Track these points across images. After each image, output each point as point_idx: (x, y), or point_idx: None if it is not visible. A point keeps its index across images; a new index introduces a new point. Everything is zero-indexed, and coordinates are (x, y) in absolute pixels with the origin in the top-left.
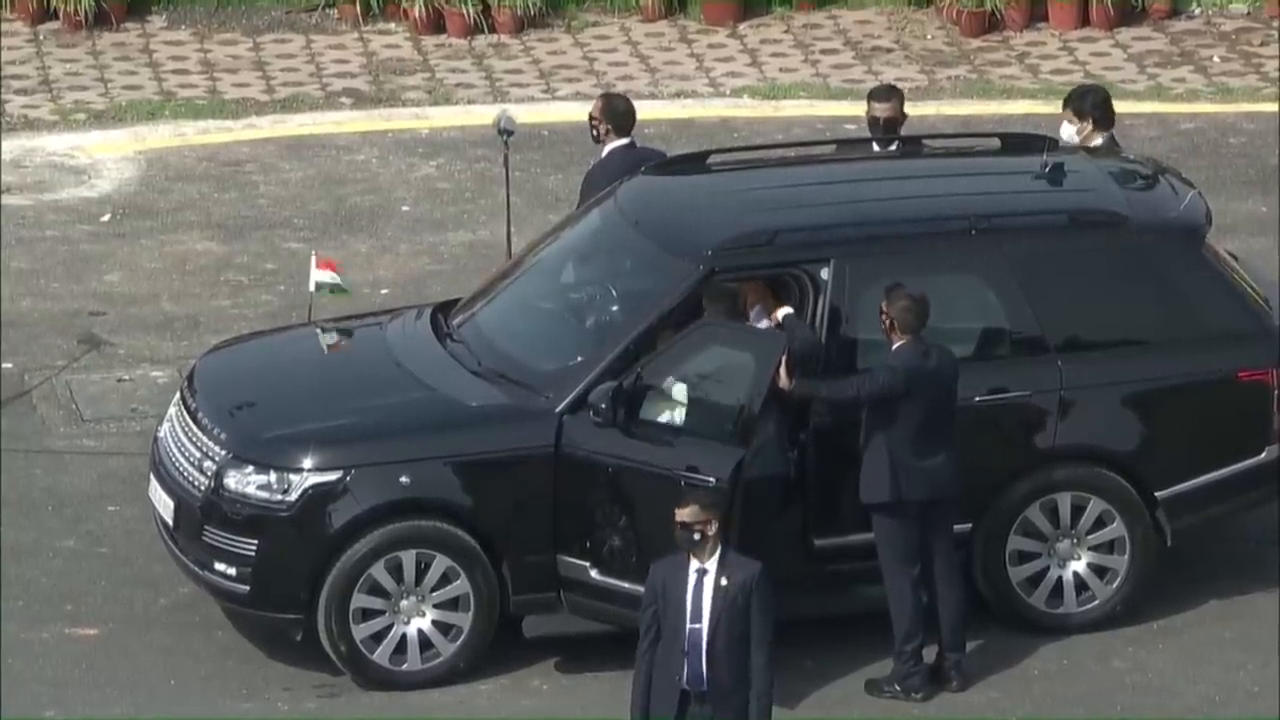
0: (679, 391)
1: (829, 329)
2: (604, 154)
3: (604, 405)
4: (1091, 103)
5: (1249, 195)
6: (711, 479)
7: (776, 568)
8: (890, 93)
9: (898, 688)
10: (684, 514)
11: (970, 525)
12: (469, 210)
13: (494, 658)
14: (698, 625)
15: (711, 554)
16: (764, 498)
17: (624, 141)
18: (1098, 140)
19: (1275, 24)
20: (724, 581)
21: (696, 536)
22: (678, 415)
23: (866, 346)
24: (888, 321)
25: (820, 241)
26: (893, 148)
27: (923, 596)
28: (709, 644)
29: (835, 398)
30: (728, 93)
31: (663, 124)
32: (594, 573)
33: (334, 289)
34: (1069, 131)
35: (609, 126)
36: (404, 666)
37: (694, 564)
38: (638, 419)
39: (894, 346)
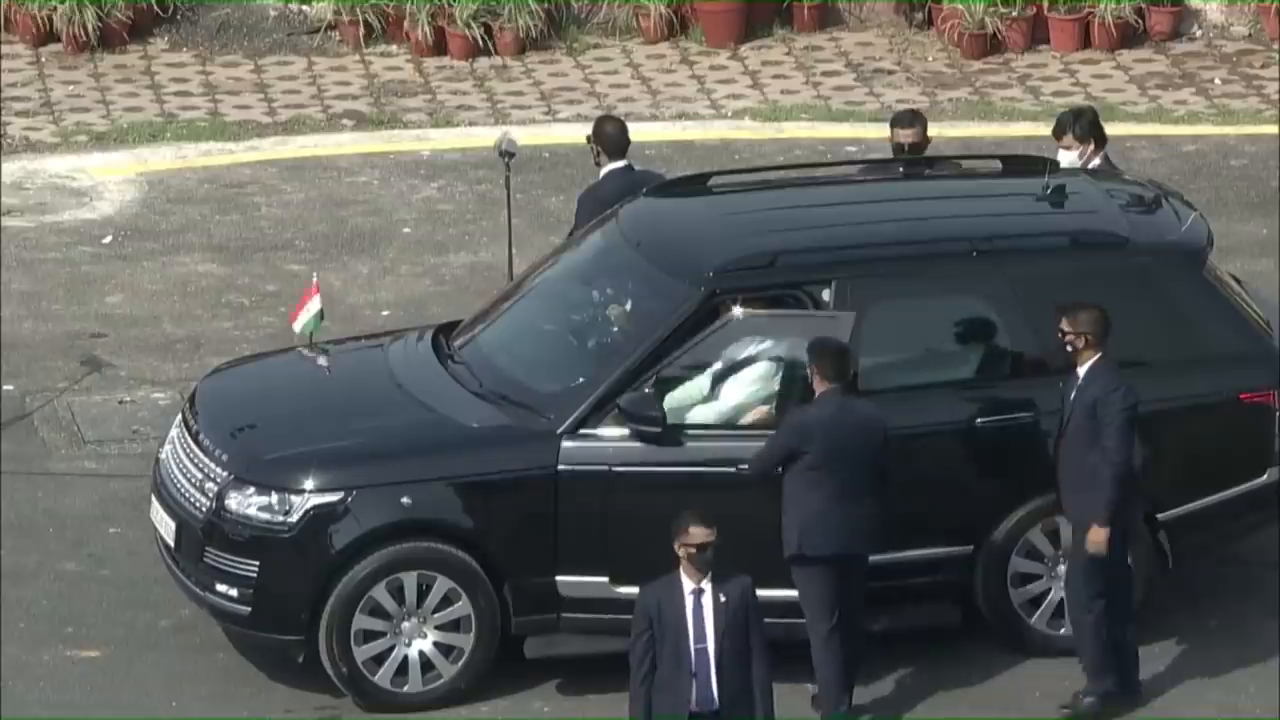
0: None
1: None
2: (600, 175)
3: (644, 407)
4: (1088, 123)
5: (1250, 217)
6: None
7: None
8: (914, 118)
9: None
10: (700, 534)
11: (972, 548)
12: (470, 232)
13: (495, 679)
14: (703, 645)
15: (707, 571)
16: None
17: (620, 164)
18: (1097, 161)
19: (1276, 46)
20: (723, 598)
21: (710, 554)
22: (708, 414)
23: (868, 368)
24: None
25: (821, 264)
26: (894, 170)
27: (840, 645)
28: (718, 662)
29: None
30: (729, 114)
31: (664, 146)
32: (607, 585)
33: (316, 320)
34: (1069, 158)
35: (599, 149)
36: (405, 688)
37: (689, 584)
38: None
39: (816, 395)
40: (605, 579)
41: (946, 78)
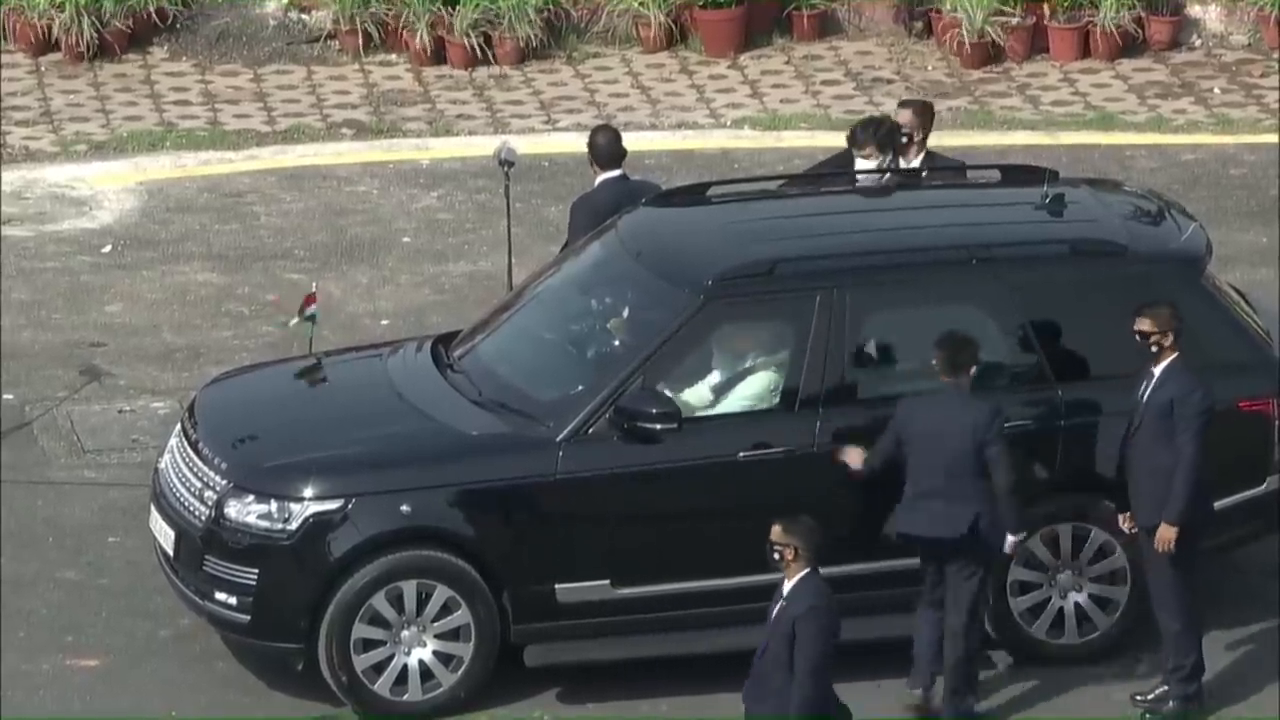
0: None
1: (829, 359)
2: (595, 184)
3: (652, 402)
4: (885, 132)
5: (1250, 226)
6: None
7: None
8: (911, 103)
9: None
10: (773, 531)
11: None
12: (470, 241)
13: (495, 688)
14: (765, 641)
15: (792, 578)
16: None
17: (614, 174)
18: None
19: (1275, 55)
20: (785, 602)
21: (776, 555)
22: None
23: (868, 377)
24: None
25: (820, 271)
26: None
27: (933, 628)
28: (758, 656)
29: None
30: (728, 123)
31: (663, 155)
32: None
33: (308, 319)
34: (868, 166)
35: (591, 159)
36: (405, 697)
37: (786, 581)
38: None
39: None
40: (606, 582)
41: (946, 87)
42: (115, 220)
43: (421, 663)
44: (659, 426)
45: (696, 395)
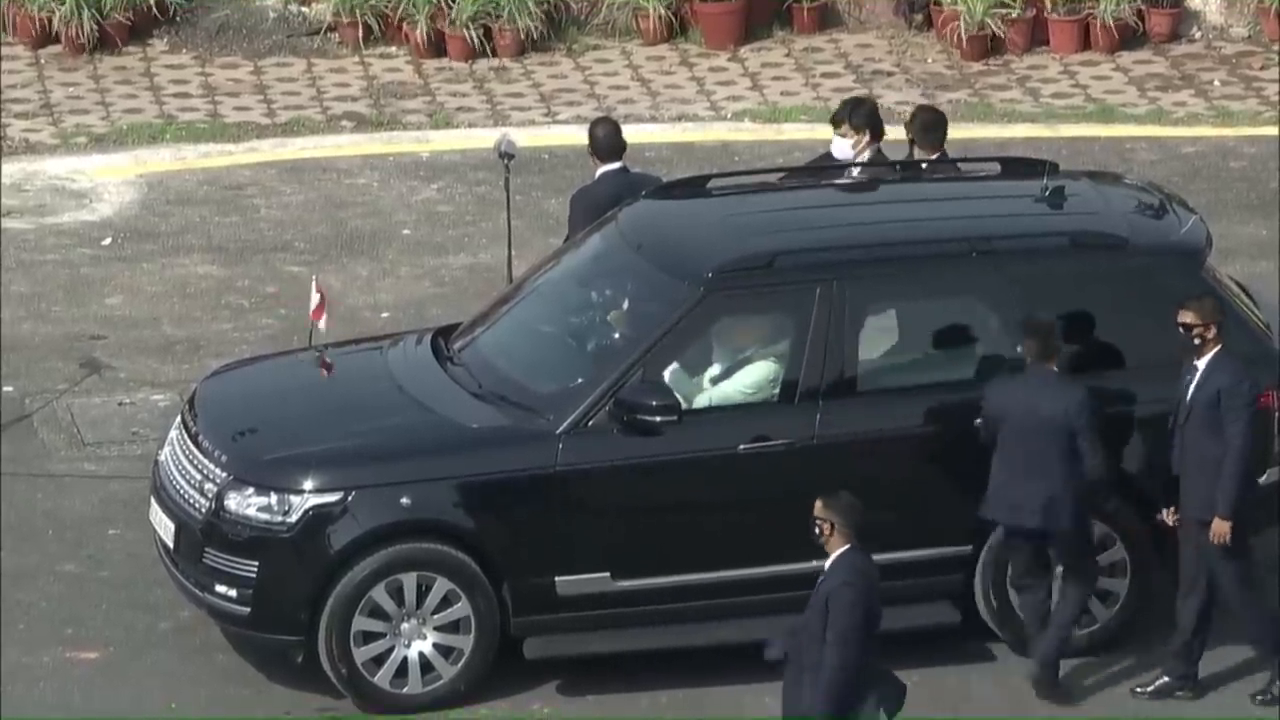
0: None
1: (831, 352)
2: (596, 176)
3: (652, 395)
4: (865, 114)
5: (1250, 219)
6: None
7: None
8: (921, 112)
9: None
10: (815, 506)
11: (971, 548)
12: (470, 234)
13: (495, 680)
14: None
15: (832, 553)
16: None
17: (614, 166)
18: (868, 154)
19: (1276, 48)
20: (822, 580)
21: (816, 530)
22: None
23: (868, 369)
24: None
25: (820, 264)
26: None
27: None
28: (796, 628)
29: None
30: (728, 116)
31: (663, 147)
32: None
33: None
34: (843, 145)
35: (591, 151)
36: (405, 689)
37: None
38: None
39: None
40: (606, 574)
41: (946, 79)
42: (115, 213)
43: (421, 655)
44: (659, 419)
45: (696, 388)
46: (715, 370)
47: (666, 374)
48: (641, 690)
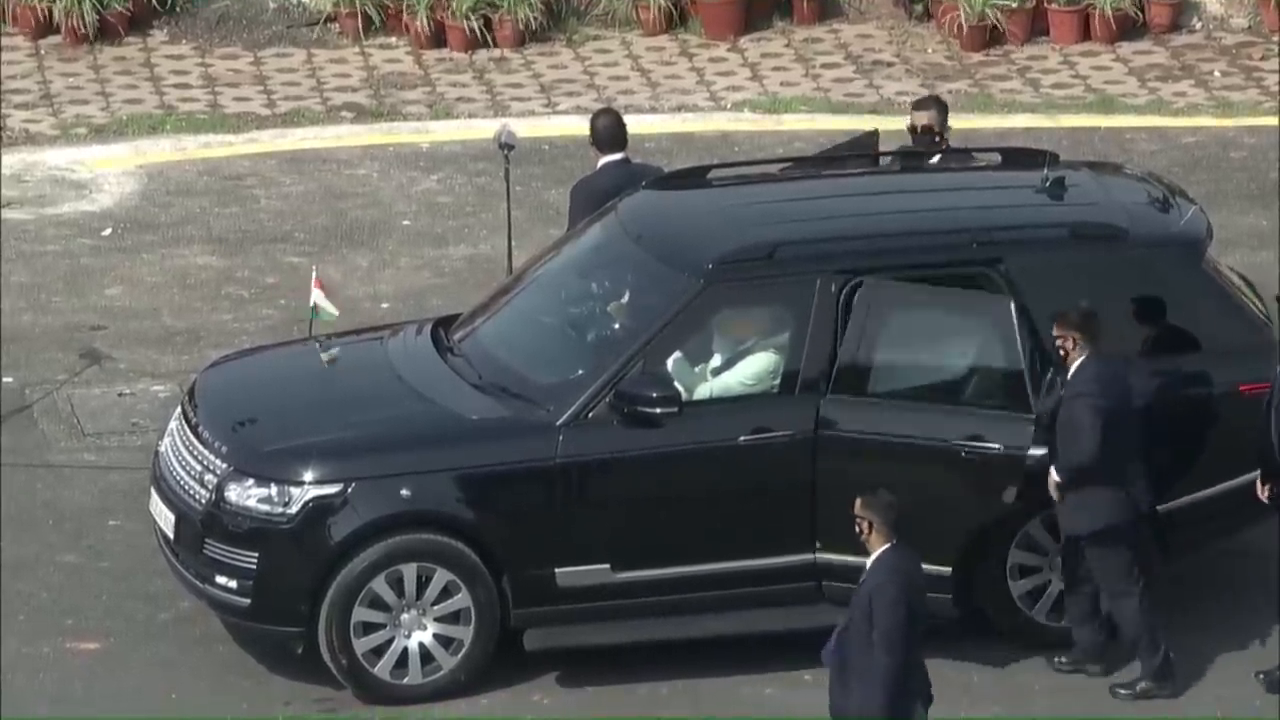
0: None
1: (831, 344)
2: (597, 167)
3: (652, 386)
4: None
5: (1250, 209)
6: None
7: None
8: (930, 102)
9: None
10: (855, 504)
11: (969, 540)
12: (470, 224)
13: (495, 671)
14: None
15: (873, 551)
16: None
17: (616, 156)
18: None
19: (1276, 38)
20: (864, 580)
21: (858, 529)
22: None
23: (868, 360)
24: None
25: (820, 255)
26: (890, 161)
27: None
28: (841, 630)
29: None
30: (728, 106)
31: (663, 138)
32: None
33: (321, 312)
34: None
35: (593, 142)
36: (405, 680)
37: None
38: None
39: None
40: (606, 566)
41: (946, 70)
42: (115, 203)
43: (421, 646)
44: (659, 410)
45: (697, 379)
46: (716, 362)
47: (667, 365)
48: (641, 682)
